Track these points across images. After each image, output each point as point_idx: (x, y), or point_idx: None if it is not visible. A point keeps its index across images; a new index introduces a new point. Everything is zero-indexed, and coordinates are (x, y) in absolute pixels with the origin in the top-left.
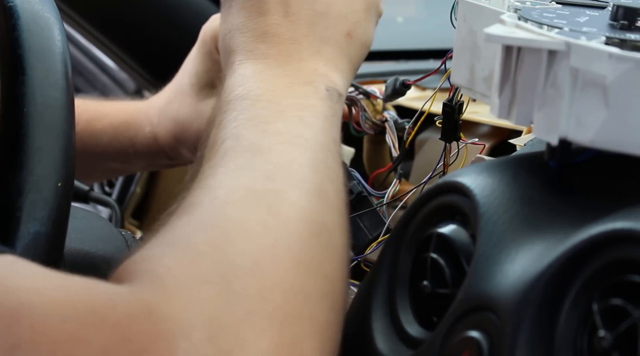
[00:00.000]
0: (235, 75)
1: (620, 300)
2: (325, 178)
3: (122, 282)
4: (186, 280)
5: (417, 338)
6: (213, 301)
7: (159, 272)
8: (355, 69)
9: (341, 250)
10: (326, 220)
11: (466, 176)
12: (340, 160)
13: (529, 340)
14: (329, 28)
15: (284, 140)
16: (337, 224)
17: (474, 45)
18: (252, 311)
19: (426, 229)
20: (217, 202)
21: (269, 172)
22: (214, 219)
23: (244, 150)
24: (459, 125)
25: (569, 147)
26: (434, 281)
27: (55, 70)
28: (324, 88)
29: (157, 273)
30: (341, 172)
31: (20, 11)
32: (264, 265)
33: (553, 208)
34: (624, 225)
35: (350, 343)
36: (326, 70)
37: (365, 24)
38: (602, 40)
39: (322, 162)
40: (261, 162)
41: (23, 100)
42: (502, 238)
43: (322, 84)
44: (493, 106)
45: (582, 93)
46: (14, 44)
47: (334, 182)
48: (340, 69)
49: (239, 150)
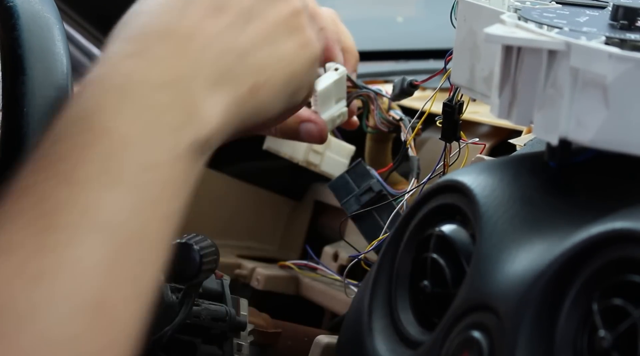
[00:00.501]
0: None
1: (620, 300)
2: (120, 285)
3: None
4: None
5: (417, 339)
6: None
7: None
8: (240, 129)
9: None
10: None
11: (466, 176)
12: (164, 242)
13: (529, 340)
14: (235, 70)
15: (88, 222)
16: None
17: (474, 45)
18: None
19: (426, 229)
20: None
21: (41, 268)
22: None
23: (34, 210)
24: (459, 125)
25: (569, 147)
26: (434, 282)
27: (55, 70)
28: (190, 140)
29: None
30: (156, 266)
31: (20, 11)
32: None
33: (553, 208)
34: (624, 225)
35: (350, 343)
36: (208, 113)
37: (282, 88)
38: (602, 40)
39: (126, 259)
40: (39, 248)
41: (23, 100)
42: (502, 238)
43: (191, 131)
44: (493, 106)
45: (582, 93)
46: (14, 43)
47: (134, 286)
48: (223, 120)
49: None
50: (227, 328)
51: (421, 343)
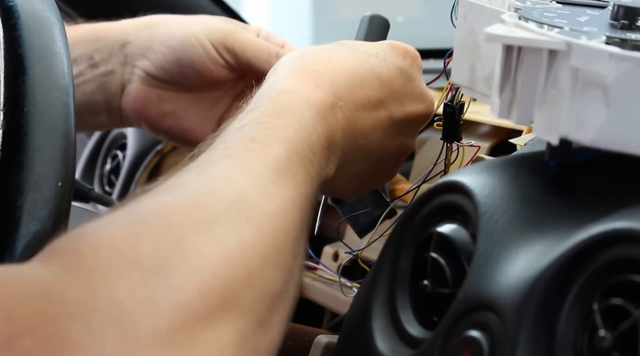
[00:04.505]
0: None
1: (620, 300)
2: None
3: (41, 260)
4: (111, 262)
5: (417, 338)
6: (133, 287)
7: (81, 251)
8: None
9: (294, 286)
10: (290, 258)
11: (466, 176)
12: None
13: (529, 340)
14: (358, 158)
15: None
16: (296, 273)
17: (475, 45)
18: (181, 304)
19: (426, 229)
20: (197, 191)
21: (261, 191)
22: (183, 206)
23: (247, 161)
24: (460, 125)
25: (569, 147)
26: (434, 281)
27: (55, 70)
28: (321, 179)
29: (78, 252)
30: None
31: (20, 10)
32: (216, 268)
33: (553, 208)
34: (624, 225)
35: (350, 343)
36: (330, 168)
37: (371, 179)
38: (603, 39)
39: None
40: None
41: (23, 99)
42: (502, 238)
43: (323, 174)
44: (493, 106)
45: (582, 93)
46: (15, 43)
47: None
48: (329, 182)
49: (241, 156)
50: None
51: (421, 342)
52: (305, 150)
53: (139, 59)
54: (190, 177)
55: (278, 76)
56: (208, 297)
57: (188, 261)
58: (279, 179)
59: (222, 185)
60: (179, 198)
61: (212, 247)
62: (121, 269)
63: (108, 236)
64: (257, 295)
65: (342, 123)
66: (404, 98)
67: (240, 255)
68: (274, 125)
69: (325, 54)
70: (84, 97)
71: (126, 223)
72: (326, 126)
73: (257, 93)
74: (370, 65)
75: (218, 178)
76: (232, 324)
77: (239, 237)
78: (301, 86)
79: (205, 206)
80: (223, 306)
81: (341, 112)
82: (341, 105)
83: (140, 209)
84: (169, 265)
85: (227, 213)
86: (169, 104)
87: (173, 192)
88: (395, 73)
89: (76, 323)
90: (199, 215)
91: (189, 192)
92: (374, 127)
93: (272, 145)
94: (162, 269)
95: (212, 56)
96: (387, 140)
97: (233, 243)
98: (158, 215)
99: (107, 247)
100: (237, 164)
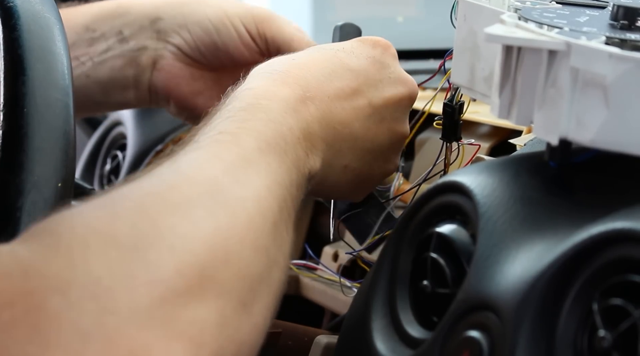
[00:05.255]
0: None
1: (620, 300)
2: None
3: (20, 240)
4: (88, 240)
5: (417, 338)
6: (111, 263)
7: (59, 231)
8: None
9: (279, 273)
10: (271, 248)
11: (466, 176)
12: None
13: (529, 340)
14: (344, 148)
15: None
16: (280, 260)
17: (474, 45)
18: (159, 281)
19: (426, 229)
20: (170, 177)
21: (241, 177)
22: (157, 189)
23: (234, 154)
24: (460, 125)
25: (569, 147)
26: (434, 281)
27: (55, 70)
28: (308, 168)
29: (57, 232)
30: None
31: (20, 11)
32: (193, 247)
33: (553, 208)
34: (624, 225)
35: (350, 343)
36: (314, 160)
37: (368, 170)
38: (602, 40)
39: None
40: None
41: (23, 100)
42: (502, 238)
43: (308, 165)
44: (493, 106)
45: (582, 93)
46: (14, 44)
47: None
48: (321, 177)
49: (226, 149)
50: None
51: (421, 342)
52: (276, 140)
53: (173, 35)
54: (163, 168)
55: (245, 81)
56: (186, 275)
57: (164, 239)
58: (250, 167)
59: (194, 172)
60: (152, 184)
61: (187, 227)
62: (98, 246)
63: (84, 217)
64: (237, 276)
65: (316, 115)
66: (381, 85)
67: (216, 235)
68: (242, 118)
69: (290, 57)
70: (112, 72)
71: (101, 206)
72: (298, 118)
73: (224, 95)
74: (337, 59)
75: (190, 166)
76: (213, 303)
77: (214, 219)
78: (267, 84)
79: (178, 190)
80: (202, 284)
81: (313, 104)
82: (311, 97)
83: (115, 195)
84: (145, 243)
85: (201, 196)
86: (200, 82)
87: (146, 180)
88: (367, 62)
89: (55, 297)
90: (172, 198)
91: (162, 179)
92: (354, 116)
93: (240, 136)
94: (139, 247)
95: (246, 41)
96: (374, 127)
97: (208, 224)
98: (132, 197)
99: (84, 226)
100: (207, 154)
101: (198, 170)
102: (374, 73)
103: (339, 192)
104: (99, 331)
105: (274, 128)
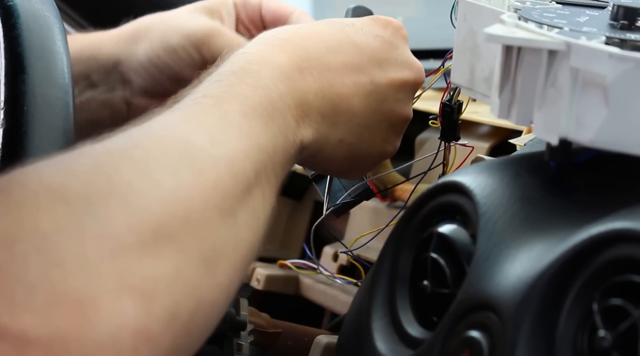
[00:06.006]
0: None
1: (620, 300)
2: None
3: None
4: (38, 197)
5: (417, 338)
6: (59, 218)
7: (9, 188)
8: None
9: (250, 239)
10: (242, 211)
11: (466, 176)
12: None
13: (529, 340)
14: (340, 122)
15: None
16: (253, 225)
17: (474, 45)
18: (108, 235)
19: (426, 229)
20: (136, 136)
21: (213, 141)
22: (119, 147)
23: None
24: (459, 125)
25: (569, 147)
26: (434, 281)
27: (55, 69)
28: (300, 138)
29: (7, 189)
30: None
31: (20, 10)
32: (148, 204)
33: (553, 208)
34: (624, 225)
35: (350, 343)
36: (305, 130)
37: (365, 148)
38: (602, 40)
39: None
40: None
41: (23, 98)
42: (502, 238)
43: (299, 134)
44: (493, 106)
45: (582, 93)
46: (14, 42)
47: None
48: (308, 146)
49: (205, 116)
50: (227, 328)
51: (421, 342)
52: (263, 105)
53: (134, 77)
54: (134, 128)
55: (244, 46)
56: (139, 231)
57: (118, 195)
58: (229, 129)
59: (164, 132)
60: (116, 142)
61: (146, 184)
62: (47, 202)
63: (37, 174)
64: (198, 235)
65: (313, 86)
66: (387, 64)
67: (177, 193)
68: (229, 83)
69: (296, 27)
70: (87, 115)
71: (57, 162)
72: (292, 87)
73: (220, 58)
74: (344, 33)
75: (161, 127)
76: (169, 259)
77: (176, 177)
78: (264, 50)
79: (142, 148)
80: (157, 240)
81: (311, 75)
82: (309, 67)
83: (76, 152)
84: (97, 199)
85: (166, 155)
86: None
87: (112, 139)
88: (375, 41)
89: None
90: (134, 156)
91: (128, 137)
92: (354, 91)
93: (224, 100)
94: (89, 202)
95: (198, 63)
96: (374, 105)
97: (169, 182)
98: (91, 154)
99: (36, 183)
100: (184, 116)
101: (168, 130)
102: (380, 52)
103: (333, 166)
104: (45, 283)
105: (262, 94)
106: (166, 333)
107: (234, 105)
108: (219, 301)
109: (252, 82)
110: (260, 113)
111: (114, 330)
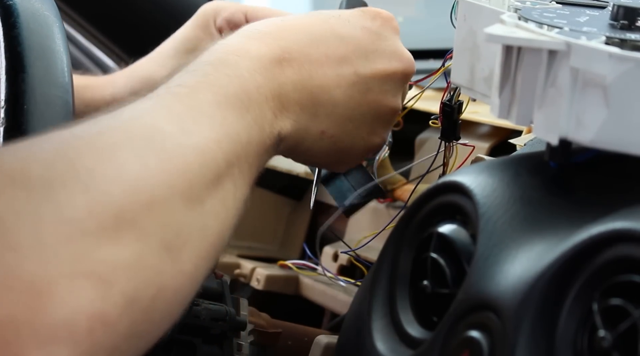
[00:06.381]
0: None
1: (620, 300)
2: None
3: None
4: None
5: (417, 338)
6: (17, 203)
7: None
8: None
9: (218, 227)
10: (209, 200)
11: (466, 176)
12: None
13: (529, 340)
14: (321, 114)
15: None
16: (221, 213)
17: (474, 45)
18: (67, 220)
19: (426, 229)
20: (104, 123)
21: (185, 127)
22: (85, 134)
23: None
24: (459, 124)
25: (569, 147)
26: (434, 281)
27: (55, 68)
28: (278, 130)
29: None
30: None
31: (20, 9)
32: (110, 189)
33: (553, 208)
34: (624, 225)
35: (350, 343)
36: (283, 122)
37: (350, 140)
38: (602, 40)
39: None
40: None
41: (23, 97)
42: (502, 238)
43: (276, 126)
44: (493, 106)
45: (582, 93)
46: (14, 41)
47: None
48: (287, 138)
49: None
50: (227, 328)
51: (421, 342)
52: (238, 96)
53: None
54: (103, 115)
55: (225, 38)
56: (99, 215)
57: (79, 180)
58: (201, 118)
59: (133, 119)
60: (82, 129)
61: (108, 170)
62: (7, 187)
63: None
64: (161, 221)
65: (293, 77)
66: (373, 56)
67: (141, 179)
68: (204, 72)
69: (280, 19)
70: None
71: (20, 147)
72: (270, 78)
73: (200, 49)
74: (328, 24)
75: (131, 114)
76: (130, 245)
77: (142, 164)
78: (243, 41)
79: (108, 134)
80: (118, 226)
81: (291, 67)
82: (289, 59)
83: (40, 138)
84: (57, 184)
85: (133, 142)
86: None
87: (79, 125)
88: (361, 32)
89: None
90: (99, 142)
91: (95, 123)
92: (336, 83)
93: (198, 90)
94: (49, 187)
95: None
96: (357, 96)
97: (133, 168)
98: (55, 140)
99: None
100: (156, 105)
101: (138, 117)
102: (366, 43)
103: (317, 159)
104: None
105: (238, 84)
106: (124, 318)
107: (208, 95)
108: (183, 288)
109: (229, 72)
110: (234, 104)
111: (68, 313)
